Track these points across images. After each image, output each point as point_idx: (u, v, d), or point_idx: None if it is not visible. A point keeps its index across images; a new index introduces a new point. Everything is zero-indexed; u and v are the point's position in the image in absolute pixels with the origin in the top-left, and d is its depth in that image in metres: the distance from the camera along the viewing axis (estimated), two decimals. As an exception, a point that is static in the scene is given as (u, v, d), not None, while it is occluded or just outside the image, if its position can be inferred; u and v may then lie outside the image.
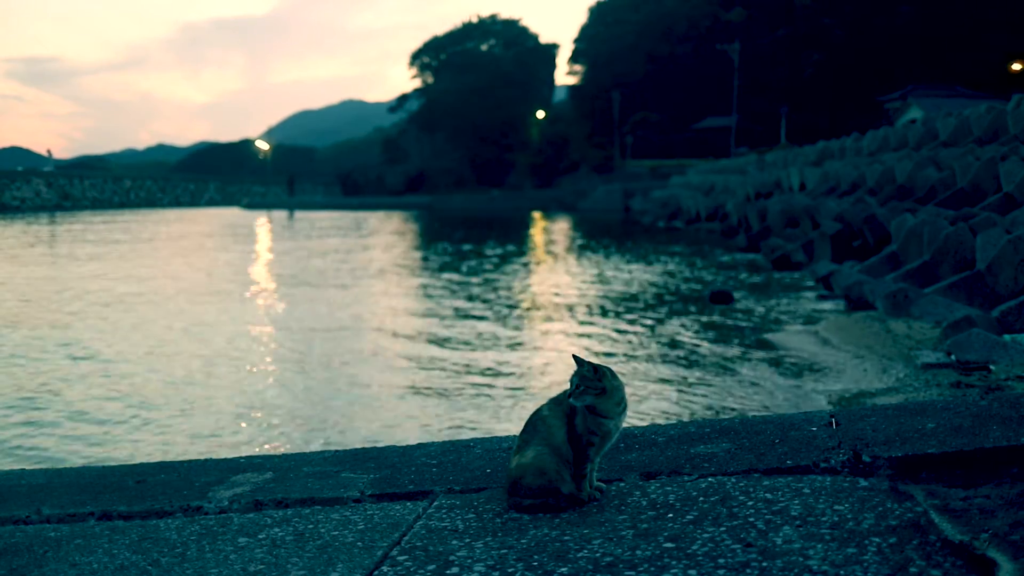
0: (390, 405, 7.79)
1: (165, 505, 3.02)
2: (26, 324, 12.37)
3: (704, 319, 11.95)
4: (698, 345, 10.10)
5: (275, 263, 23.51)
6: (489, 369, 9.09)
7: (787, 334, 10.41)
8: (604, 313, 12.92)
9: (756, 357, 9.16)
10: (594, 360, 2.71)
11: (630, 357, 9.48)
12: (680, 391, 7.82)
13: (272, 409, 7.69)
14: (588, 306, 13.74)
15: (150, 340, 11.06)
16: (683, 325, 11.56)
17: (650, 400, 7.45)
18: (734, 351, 9.61)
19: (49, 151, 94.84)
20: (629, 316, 12.51)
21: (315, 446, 6.25)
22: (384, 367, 9.46)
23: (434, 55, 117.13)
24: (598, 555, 2.31)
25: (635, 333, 11.08)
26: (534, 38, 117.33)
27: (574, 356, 2.76)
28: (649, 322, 11.90)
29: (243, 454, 5.34)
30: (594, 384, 2.65)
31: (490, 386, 8.30)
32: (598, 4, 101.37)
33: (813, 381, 7.83)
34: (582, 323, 12.10)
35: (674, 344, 10.23)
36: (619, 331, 11.30)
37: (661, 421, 6.67)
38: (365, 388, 8.46)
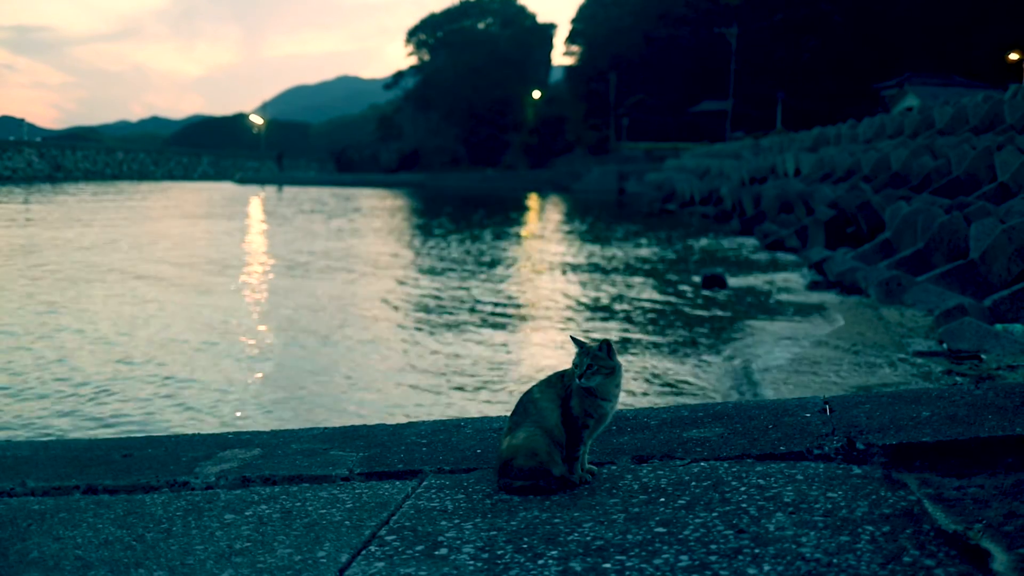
0: (380, 382, 7.76)
1: (151, 480, 2.99)
2: (18, 290, 12.29)
3: (696, 303, 11.94)
4: (689, 329, 10.09)
5: (269, 238, 23.45)
6: (479, 348, 9.07)
7: (779, 319, 10.41)
8: (596, 296, 12.90)
9: (748, 341, 9.15)
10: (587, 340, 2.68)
11: (622, 340, 9.46)
12: (671, 374, 7.81)
13: (261, 384, 7.66)
14: (579, 288, 13.72)
15: (141, 312, 11.00)
16: (675, 308, 11.55)
17: (641, 383, 7.44)
18: (725, 335, 9.60)
19: (23, 120, 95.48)
20: (621, 299, 12.49)
21: (304, 423, 6.22)
22: (374, 344, 9.43)
23: (431, 33, 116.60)
24: (588, 538, 2.29)
25: (627, 315, 11.06)
26: (531, 17, 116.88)
27: (572, 338, 2.73)
28: (641, 305, 11.88)
29: (231, 429, 5.32)
30: (606, 363, 2.62)
31: (481, 366, 8.28)
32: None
33: (805, 366, 7.82)
34: (573, 305, 12.08)
35: (665, 327, 10.21)
36: (610, 313, 11.28)
37: (653, 404, 6.66)
38: (355, 365, 8.43)
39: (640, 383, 7.42)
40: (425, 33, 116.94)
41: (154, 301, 11.99)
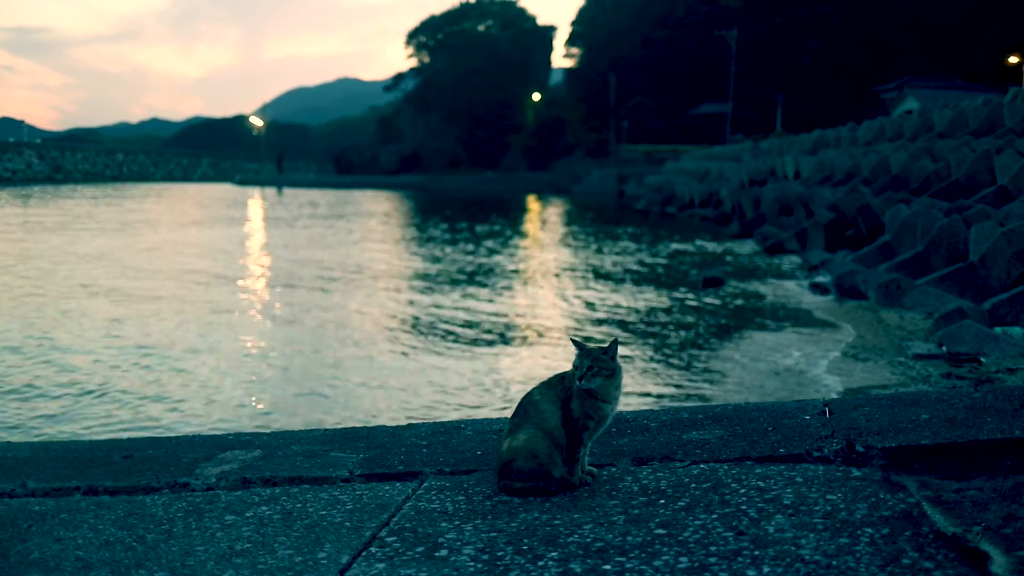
0: (380, 385, 7.76)
1: (152, 481, 2.99)
2: (18, 295, 12.30)
3: (696, 304, 11.94)
4: (689, 330, 10.09)
5: (269, 242, 23.46)
6: (480, 351, 9.07)
7: (778, 321, 10.41)
8: (595, 299, 12.90)
9: (747, 343, 9.15)
10: (588, 344, 2.68)
11: (621, 342, 9.45)
12: (671, 376, 7.81)
13: (262, 386, 7.66)
14: (579, 291, 13.72)
15: (141, 315, 11.00)
16: (675, 310, 11.55)
17: (641, 385, 7.44)
18: (725, 337, 9.60)
19: (23, 121, 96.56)
20: (621, 300, 12.49)
21: (304, 424, 6.22)
22: (375, 347, 9.43)
23: (431, 34, 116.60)
24: (588, 540, 2.29)
25: (626, 317, 11.06)
26: (531, 19, 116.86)
27: (572, 339, 2.73)
28: (641, 306, 11.88)
29: (232, 430, 5.32)
30: (607, 365, 2.62)
31: (481, 369, 8.28)
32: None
33: (805, 368, 7.82)
34: (573, 308, 12.08)
35: (665, 329, 10.22)
36: (610, 315, 11.28)
37: (652, 407, 6.66)
38: (355, 368, 8.43)
39: (639, 386, 7.42)
40: (425, 35, 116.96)
41: (153, 305, 12.00)
